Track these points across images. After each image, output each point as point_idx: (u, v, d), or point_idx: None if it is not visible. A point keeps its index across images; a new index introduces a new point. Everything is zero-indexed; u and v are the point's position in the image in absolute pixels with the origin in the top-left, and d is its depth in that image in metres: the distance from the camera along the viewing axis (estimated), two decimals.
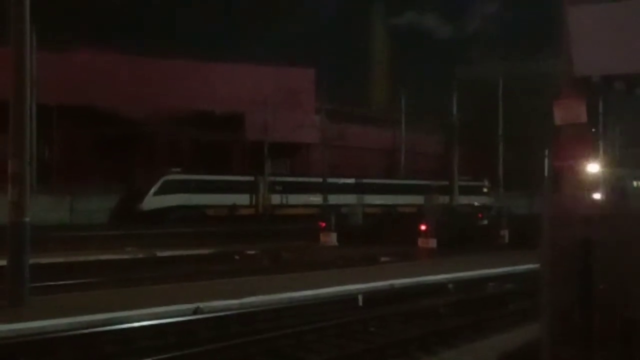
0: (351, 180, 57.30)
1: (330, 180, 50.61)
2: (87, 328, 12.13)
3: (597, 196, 52.95)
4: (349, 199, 53.60)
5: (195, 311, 13.78)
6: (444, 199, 52.60)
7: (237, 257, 28.86)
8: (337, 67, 69.38)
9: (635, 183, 48.07)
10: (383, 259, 27.97)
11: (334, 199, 49.59)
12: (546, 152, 48.49)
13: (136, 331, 12.40)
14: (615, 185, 46.38)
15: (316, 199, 50.36)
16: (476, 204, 58.22)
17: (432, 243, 29.68)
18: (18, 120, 14.24)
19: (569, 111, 7.15)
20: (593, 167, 50.36)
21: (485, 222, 46.06)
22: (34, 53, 32.17)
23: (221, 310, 14.16)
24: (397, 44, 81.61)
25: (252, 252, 29.92)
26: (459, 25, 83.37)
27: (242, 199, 52.80)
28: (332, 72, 62.83)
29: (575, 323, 6.18)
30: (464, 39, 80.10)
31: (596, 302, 6.12)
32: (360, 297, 16.58)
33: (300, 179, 56.05)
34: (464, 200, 56.15)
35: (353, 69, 77.51)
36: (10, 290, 13.95)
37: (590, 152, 7.35)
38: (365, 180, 58.18)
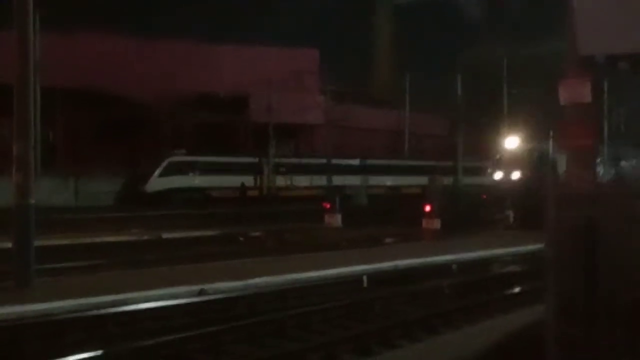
0: (355, 162, 57.29)
1: (335, 161, 50.64)
2: (92, 310, 12.19)
3: (516, 175, 49.44)
4: (354, 180, 53.68)
5: (200, 293, 13.83)
6: (448, 180, 52.63)
7: (241, 238, 28.93)
8: (342, 47, 69.16)
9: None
10: (387, 239, 28.03)
11: (338, 180, 49.65)
12: (550, 132, 48.37)
13: (141, 313, 12.45)
14: (538, 164, 44.38)
15: (320, 180, 50.38)
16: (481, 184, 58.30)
17: (437, 224, 29.66)
18: (22, 104, 14.26)
19: (573, 91, 7.13)
20: (511, 142, 47.41)
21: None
22: (37, 36, 32.11)
23: (226, 292, 14.21)
24: (402, 24, 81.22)
25: (257, 233, 29.98)
26: (464, 4, 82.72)
27: (247, 180, 52.86)
28: (336, 53, 62.67)
29: (580, 303, 6.19)
30: (471, 19, 79.54)
31: (601, 282, 6.13)
32: (364, 278, 16.62)
33: (305, 160, 56.02)
34: (468, 180, 56.10)
35: (357, 49, 77.26)
36: (16, 272, 14.03)
37: (596, 132, 7.33)
38: (369, 161, 58.15)
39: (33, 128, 14.78)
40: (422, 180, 49.18)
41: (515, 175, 42.76)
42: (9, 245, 14.50)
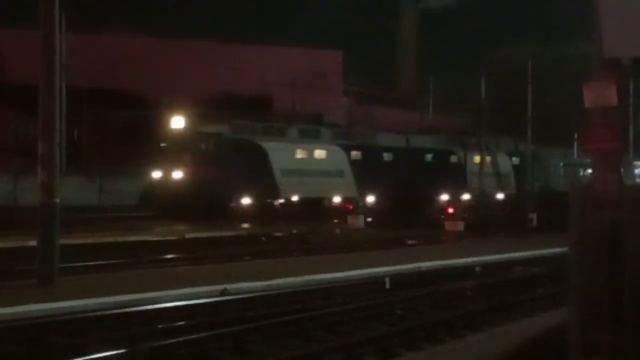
0: None
1: None
2: (116, 308, 12.25)
3: (178, 174, 39.32)
4: None
5: (223, 293, 13.85)
6: None
7: (264, 239, 28.93)
8: (365, 48, 68.93)
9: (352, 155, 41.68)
10: (410, 241, 27.94)
11: None
12: (575, 135, 48.01)
13: (164, 312, 12.50)
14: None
15: None
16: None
17: (460, 226, 29.59)
18: (47, 103, 14.34)
19: (599, 94, 7.06)
20: (177, 122, 38.62)
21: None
22: (63, 36, 32.31)
23: (248, 292, 14.22)
24: (425, 25, 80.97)
25: (280, 234, 29.98)
26: (489, 7, 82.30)
27: None
28: (359, 54, 62.51)
29: (605, 307, 6.14)
30: (494, 21, 79.18)
31: (627, 285, 6.08)
32: (387, 280, 16.58)
33: None
34: None
35: (380, 50, 77.01)
36: (41, 270, 14.12)
37: (621, 134, 7.26)
38: None
39: (58, 127, 14.86)
40: None
41: (178, 174, 35.13)
42: (34, 243, 14.61)
